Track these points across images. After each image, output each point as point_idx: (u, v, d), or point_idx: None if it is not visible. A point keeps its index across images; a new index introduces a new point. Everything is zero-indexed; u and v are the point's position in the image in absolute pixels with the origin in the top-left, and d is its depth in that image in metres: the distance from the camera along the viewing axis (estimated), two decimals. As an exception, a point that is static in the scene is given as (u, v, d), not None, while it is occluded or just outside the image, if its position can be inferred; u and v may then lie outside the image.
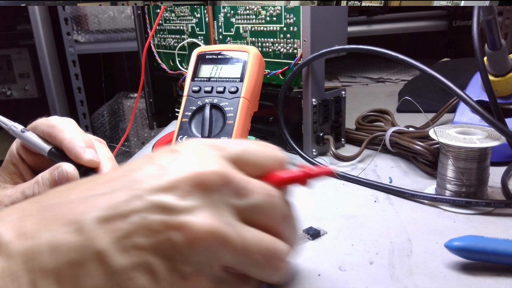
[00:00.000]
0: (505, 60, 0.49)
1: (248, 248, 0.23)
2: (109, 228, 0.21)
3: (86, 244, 0.20)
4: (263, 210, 0.24)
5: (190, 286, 0.22)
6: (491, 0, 0.47)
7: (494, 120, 0.37)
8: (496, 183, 0.44)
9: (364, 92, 0.95)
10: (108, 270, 0.20)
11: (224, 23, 0.61)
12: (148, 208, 0.21)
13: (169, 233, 0.21)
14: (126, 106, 1.46)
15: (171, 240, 0.21)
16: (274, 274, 0.25)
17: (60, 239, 0.20)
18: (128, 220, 0.21)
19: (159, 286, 0.21)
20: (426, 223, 0.37)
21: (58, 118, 0.37)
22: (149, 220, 0.21)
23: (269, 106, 0.57)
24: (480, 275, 0.30)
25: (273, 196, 0.25)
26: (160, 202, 0.22)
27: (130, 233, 0.21)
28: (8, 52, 1.40)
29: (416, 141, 0.47)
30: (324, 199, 0.43)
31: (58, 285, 0.20)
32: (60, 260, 0.20)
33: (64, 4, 1.24)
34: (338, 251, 0.34)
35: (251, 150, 0.26)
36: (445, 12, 1.10)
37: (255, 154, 0.26)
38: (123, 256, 0.21)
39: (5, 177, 0.37)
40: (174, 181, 0.22)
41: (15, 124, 0.36)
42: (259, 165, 0.26)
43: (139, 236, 0.21)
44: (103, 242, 0.21)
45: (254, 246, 0.23)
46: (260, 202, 0.24)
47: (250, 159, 0.26)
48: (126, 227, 0.21)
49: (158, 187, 0.22)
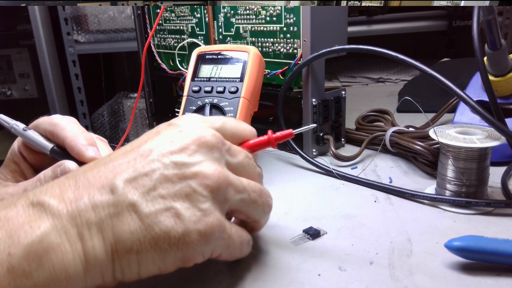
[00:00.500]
0: (505, 60, 0.49)
1: (246, 188, 0.29)
2: (137, 185, 0.26)
3: (121, 199, 0.25)
4: (245, 167, 0.30)
5: (210, 222, 0.26)
6: (491, 0, 0.48)
7: (494, 120, 0.37)
8: (496, 183, 0.44)
9: (364, 92, 0.95)
10: (140, 216, 0.25)
11: (224, 23, 0.61)
12: (165, 166, 0.26)
13: (187, 181, 0.26)
14: (126, 106, 1.46)
15: (190, 186, 0.26)
16: (266, 210, 0.31)
17: (99, 199, 0.25)
18: (151, 177, 0.26)
19: (184, 225, 0.26)
20: (426, 223, 0.37)
21: (60, 116, 0.37)
22: (168, 175, 0.26)
23: (269, 106, 0.57)
24: (480, 275, 0.30)
25: (250, 157, 0.31)
26: (174, 161, 0.27)
27: (155, 187, 0.26)
28: (8, 52, 1.40)
29: (416, 141, 0.47)
30: (324, 199, 0.43)
31: (100, 233, 0.25)
32: (101, 214, 0.25)
33: (64, 4, 1.24)
34: (338, 251, 0.34)
35: (230, 123, 0.32)
36: (445, 12, 1.11)
37: (233, 126, 0.32)
38: (152, 204, 0.25)
39: (6, 175, 0.37)
40: (182, 145, 0.27)
41: (17, 123, 0.36)
42: (236, 135, 0.32)
43: (162, 187, 0.26)
44: (134, 196, 0.25)
45: (249, 186, 0.29)
46: (241, 161, 0.30)
47: (230, 130, 0.31)
48: (150, 183, 0.26)
49: (170, 151, 0.27)
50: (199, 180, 0.27)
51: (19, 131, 0.36)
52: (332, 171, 0.48)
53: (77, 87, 1.31)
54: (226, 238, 0.28)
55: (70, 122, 0.36)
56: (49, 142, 0.36)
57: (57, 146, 0.35)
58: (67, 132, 0.35)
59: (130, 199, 0.25)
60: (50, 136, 0.36)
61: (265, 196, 0.31)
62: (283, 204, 0.42)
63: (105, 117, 1.47)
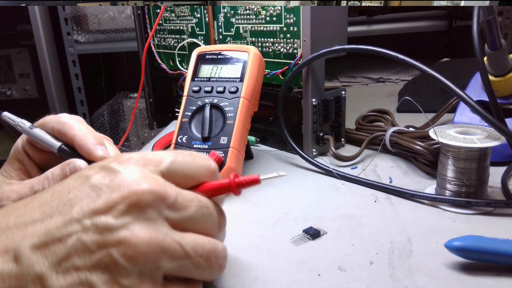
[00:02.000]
0: (505, 60, 0.49)
1: (188, 253, 0.24)
2: (47, 252, 0.22)
3: (26, 271, 0.21)
4: (196, 221, 0.25)
5: None
6: (491, 0, 0.48)
7: (494, 120, 0.37)
8: (496, 183, 0.44)
9: (364, 92, 0.95)
10: None
11: (224, 23, 0.61)
12: (84, 230, 0.22)
13: (108, 250, 0.22)
14: (126, 106, 1.46)
15: (110, 257, 0.22)
16: (215, 274, 0.26)
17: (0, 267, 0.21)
18: (65, 243, 0.22)
19: None
20: (426, 223, 0.37)
21: (68, 115, 0.37)
22: (86, 241, 0.22)
23: (269, 106, 0.57)
24: (480, 275, 0.30)
25: (204, 206, 0.26)
26: (96, 223, 0.22)
27: (69, 255, 0.22)
28: (8, 52, 1.40)
29: (416, 141, 0.47)
30: (324, 199, 0.43)
31: None
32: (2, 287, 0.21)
33: (64, 4, 1.23)
34: (338, 251, 0.34)
35: (181, 161, 0.27)
36: (445, 12, 1.10)
37: (185, 166, 0.27)
38: (63, 277, 0.22)
39: (10, 172, 0.37)
40: (109, 203, 0.23)
41: (23, 121, 0.36)
42: (190, 176, 0.27)
43: (78, 257, 0.22)
44: (42, 267, 0.21)
45: (194, 250, 0.24)
46: (193, 214, 0.25)
47: (181, 171, 0.26)
48: (63, 250, 0.22)
49: (93, 209, 0.23)
50: (122, 249, 0.22)
51: (25, 129, 0.36)
52: (332, 171, 0.48)
53: (77, 87, 1.31)
54: None
55: (78, 121, 0.36)
56: (56, 140, 0.36)
57: (65, 145, 0.36)
58: (76, 131, 0.35)
59: (37, 270, 0.21)
60: (57, 134, 0.36)
61: (215, 260, 0.25)
62: (283, 204, 0.42)
63: (105, 117, 1.47)
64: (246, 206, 0.42)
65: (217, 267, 0.26)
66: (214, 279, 0.27)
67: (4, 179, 0.37)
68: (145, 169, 0.25)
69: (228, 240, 0.36)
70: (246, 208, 0.42)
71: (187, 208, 0.25)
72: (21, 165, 0.37)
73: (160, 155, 0.27)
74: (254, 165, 0.53)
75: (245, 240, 0.36)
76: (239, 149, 0.45)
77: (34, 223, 0.23)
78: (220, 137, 0.45)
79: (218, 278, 0.31)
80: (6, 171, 0.37)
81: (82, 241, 0.22)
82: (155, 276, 0.23)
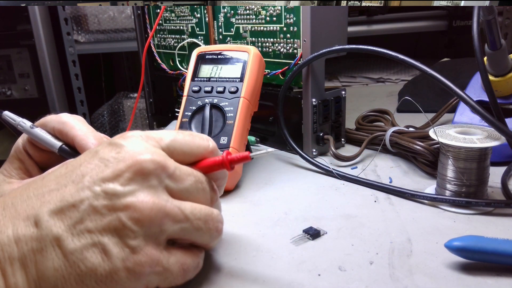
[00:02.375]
0: (505, 60, 0.49)
1: (187, 216, 0.26)
2: (63, 217, 0.24)
3: (45, 233, 0.24)
4: (191, 193, 0.28)
5: (139, 259, 0.24)
6: (491, 0, 0.48)
7: (494, 120, 0.37)
8: (496, 183, 0.44)
9: (364, 92, 0.95)
10: (65, 252, 0.24)
11: (224, 23, 0.61)
12: (95, 196, 0.24)
13: (117, 214, 0.24)
14: (126, 106, 1.46)
15: (119, 220, 0.24)
16: (214, 236, 0.28)
17: (22, 232, 0.24)
18: (79, 208, 0.24)
19: (111, 262, 0.24)
20: (426, 223, 0.37)
21: (69, 115, 0.37)
22: (97, 206, 0.24)
23: (269, 106, 0.57)
24: (480, 275, 0.30)
25: (199, 181, 0.28)
26: (105, 190, 0.25)
27: (82, 219, 0.24)
28: (8, 52, 1.40)
29: (416, 141, 0.47)
30: (324, 199, 0.43)
31: (24, 269, 0.23)
32: (24, 249, 0.24)
33: (64, 4, 1.23)
34: (338, 251, 0.34)
35: (181, 140, 0.29)
36: (445, 12, 1.10)
37: (185, 144, 0.29)
38: (78, 239, 0.24)
39: (10, 171, 0.37)
40: (116, 171, 0.25)
41: (23, 120, 0.36)
42: (188, 154, 0.29)
43: (90, 220, 0.24)
44: (59, 230, 0.24)
45: (192, 214, 0.27)
46: (188, 187, 0.27)
47: (180, 148, 0.29)
48: (77, 215, 0.24)
49: (102, 177, 0.25)
50: (129, 213, 0.24)
51: (26, 129, 0.36)
52: (332, 171, 0.48)
53: (77, 87, 1.31)
54: (161, 271, 0.26)
55: (79, 121, 0.36)
56: (57, 140, 0.36)
57: (66, 145, 0.36)
58: (77, 131, 0.35)
59: (55, 233, 0.24)
60: (58, 134, 0.36)
61: (212, 222, 0.28)
62: (283, 204, 0.42)
63: (105, 117, 1.47)
64: (246, 206, 0.42)
65: (214, 229, 0.28)
66: (214, 245, 0.29)
67: (5, 178, 0.37)
68: (148, 143, 0.27)
69: (228, 240, 0.36)
70: (246, 208, 0.42)
71: (184, 180, 0.27)
72: (22, 165, 0.38)
73: (162, 133, 0.29)
74: (254, 165, 0.53)
75: (245, 240, 0.36)
76: (239, 149, 0.45)
77: (51, 192, 0.25)
78: (220, 137, 0.45)
79: (218, 278, 0.31)
80: (6, 170, 0.37)
81: (94, 205, 0.24)
82: (159, 239, 0.25)
